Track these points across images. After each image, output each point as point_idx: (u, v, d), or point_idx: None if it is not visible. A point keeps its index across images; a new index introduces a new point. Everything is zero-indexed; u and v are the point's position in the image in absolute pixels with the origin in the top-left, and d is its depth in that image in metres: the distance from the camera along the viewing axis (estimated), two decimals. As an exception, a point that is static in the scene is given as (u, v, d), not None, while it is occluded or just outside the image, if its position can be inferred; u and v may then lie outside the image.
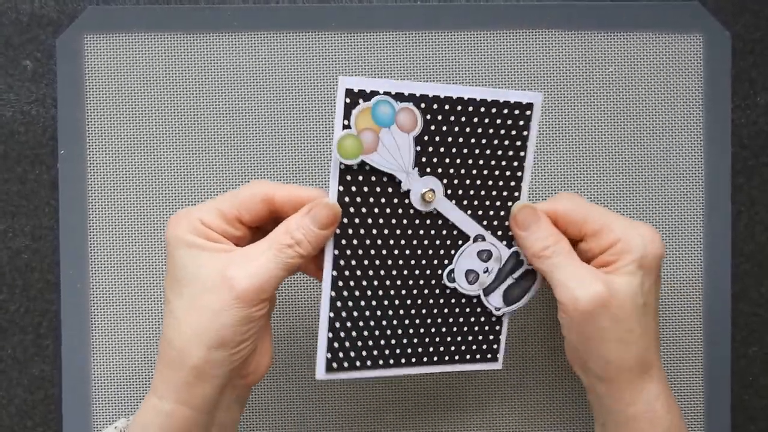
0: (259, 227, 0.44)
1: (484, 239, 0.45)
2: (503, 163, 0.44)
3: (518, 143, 0.44)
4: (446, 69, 0.53)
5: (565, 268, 0.43)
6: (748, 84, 0.55)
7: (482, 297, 0.45)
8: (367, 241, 0.43)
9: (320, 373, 0.43)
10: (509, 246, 0.45)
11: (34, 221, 0.53)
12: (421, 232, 0.43)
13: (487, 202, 0.45)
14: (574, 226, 0.44)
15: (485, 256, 0.45)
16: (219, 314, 0.40)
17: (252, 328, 0.41)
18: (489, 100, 0.43)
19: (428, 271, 0.44)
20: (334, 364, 0.43)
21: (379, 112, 0.41)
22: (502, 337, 0.47)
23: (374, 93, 0.40)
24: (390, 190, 0.42)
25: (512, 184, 0.45)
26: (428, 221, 0.43)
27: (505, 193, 0.45)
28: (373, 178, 0.42)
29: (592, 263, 0.44)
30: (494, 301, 0.45)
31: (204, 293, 0.40)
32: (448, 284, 0.44)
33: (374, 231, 0.43)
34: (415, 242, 0.43)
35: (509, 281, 0.46)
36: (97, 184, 0.53)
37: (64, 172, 0.53)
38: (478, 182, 0.44)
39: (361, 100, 0.40)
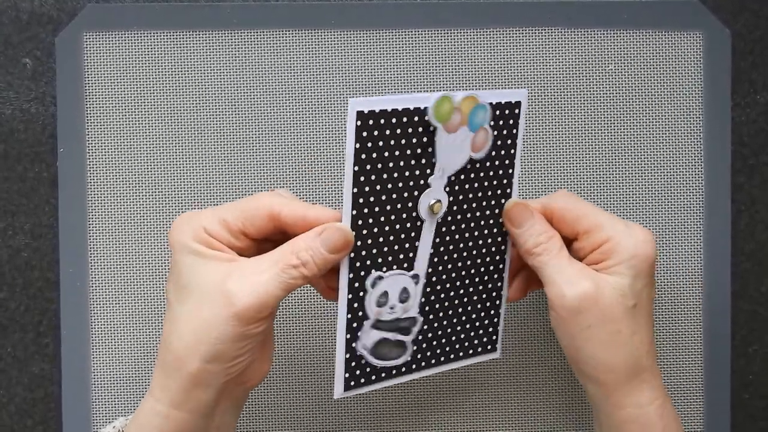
0: (266, 238, 0.43)
1: (416, 282, 0.43)
2: (496, 164, 0.44)
3: (509, 143, 0.44)
4: (446, 67, 0.53)
5: (555, 266, 0.43)
6: (748, 82, 0.55)
7: (365, 324, 0.42)
8: (380, 261, 0.42)
9: (338, 392, 0.42)
10: (421, 313, 0.44)
11: (33, 219, 0.53)
12: (404, 236, 0.42)
13: (478, 224, 0.44)
14: (568, 225, 0.44)
15: (404, 297, 0.43)
16: (215, 328, 0.39)
17: (249, 344, 0.40)
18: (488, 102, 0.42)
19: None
20: (352, 383, 0.43)
21: (477, 114, 0.41)
22: (500, 327, 0.47)
23: (383, 111, 0.39)
24: (404, 215, 0.42)
25: (505, 185, 0.45)
26: (413, 233, 0.42)
27: (494, 203, 0.45)
28: (384, 197, 0.41)
29: (584, 261, 0.44)
30: (366, 339, 0.42)
31: (203, 304, 0.39)
32: (368, 288, 0.42)
33: (388, 255, 0.42)
34: (396, 247, 0.42)
35: (390, 335, 0.43)
36: (96, 183, 0.53)
37: (64, 170, 0.53)
38: (472, 195, 0.44)
39: (371, 121, 0.39)
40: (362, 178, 0.40)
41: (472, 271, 0.45)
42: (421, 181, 0.41)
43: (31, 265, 0.54)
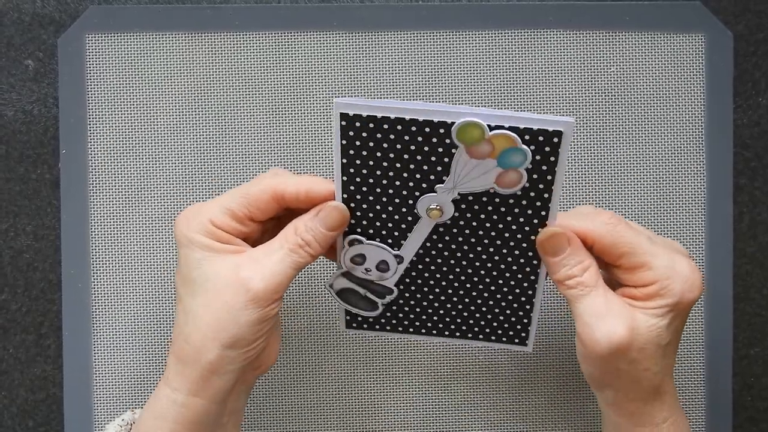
0: (270, 218, 0.44)
1: (399, 262, 0.44)
2: (531, 194, 0.42)
3: (544, 168, 0.41)
4: (447, 69, 0.53)
5: (588, 304, 0.41)
6: (750, 84, 0.54)
7: (337, 272, 0.45)
8: (371, 232, 0.44)
9: (342, 326, 0.47)
10: (400, 287, 0.45)
11: (35, 221, 0.54)
12: (401, 220, 0.43)
13: (499, 242, 0.44)
14: (609, 257, 0.42)
15: (382, 267, 0.44)
16: (235, 314, 0.41)
17: (266, 326, 0.42)
18: (521, 127, 0.39)
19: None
20: (354, 324, 0.47)
21: (511, 157, 0.39)
22: (534, 321, 0.46)
23: (371, 118, 0.40)
24: (403, 209, 0.43)
25: (540, 213, 0.42)
26: (409, 218, 0.43)
27: (527, 229, 0.43)
28: (379, 189, 0.42)
29: (622, 291, 0.42)
30: (336, 282, 0.45)
31: (219, 294, 0.41)
32: (344, 245, 0.44)
33: (377, 231, 0.43)
34: (389, 220, 0.43)
35: (359, 289, 0.45)
36: (98, 184, 0.53)
37: (66, 171, 0.53)
38: (492, 217, 0.43)
39: (357, 123, 0.40)
40: (351, 170, 0.42)
41: (494, 273, 0.45)
42: (424, 185, 0.42)
43: (33, 266, 0.54)
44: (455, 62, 0.53)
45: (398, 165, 0.41)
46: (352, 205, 0.43)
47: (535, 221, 0.42)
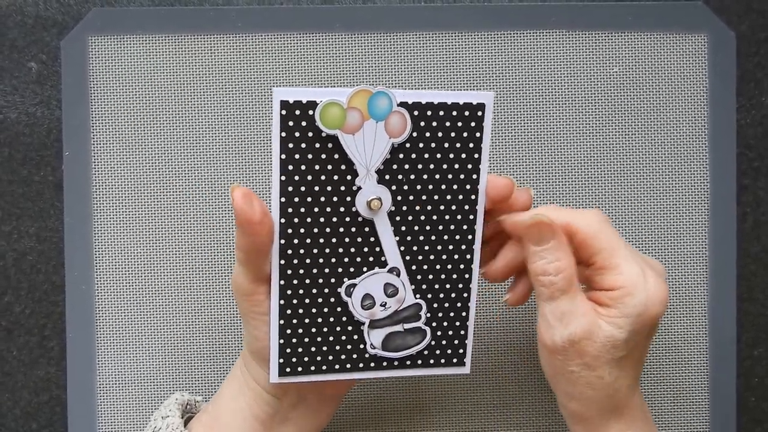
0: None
1: (398, 275, 0.42)
2: (459, 174, 0.42)
3: (472, 147, 0.42)
4: (450, 70, 0.53)
5: (554, 303, 0.41)
6: (753, 84, 0.54)
7: (365, 328, 0.42)
8: (315, 250, 0.41)
9: (273, 377, 0.42)
10: (415, 295, 0.43)
11: (39, 223, 0.54)
12: (356, 238, 0.41)
13: (435, 227, 0.42)
14: (586, 252, 0.42)
15: (390, 291, 0.42)
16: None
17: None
18: (449, 103, 0.40)
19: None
20: (288, 369, 0.42)
21: (376, 103, 0.39)
22: (469, 341, 0.44)
23: (311, 104, 0.39)
24: (336, 196, 0.40)
25: (469, 192, 0.42)
26: (366, 228, 0.41)
27: (456, 208, 0.42)
28: (323, 177, 0.40)
29: (590, 294, 0.42)
30: (374, 339, 0.43)
31: None
32: (345, 298, 0.42)
33: (319, 237, 0.41)
34: (349, 248, 0.42)
35: (398, 328, 0.43)
36: (102, 186, 0.53)
37: (69, 173, 0.53)
38: (435, 197, 0.42)
39: (297, 111, 0.39)
40: (290, 167, 0.40)
41: (436, 268, 0.43)
42: (354, 186, 0.40)
43: (37, 268, 0.54)
44: (457, 63, 0.53)
45: (336, 156, 0.40)
46: (290, 210, 0.40)
47: (465, 205, 0.42)
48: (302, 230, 0.40)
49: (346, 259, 0.41)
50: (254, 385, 0.44)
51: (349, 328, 0.43)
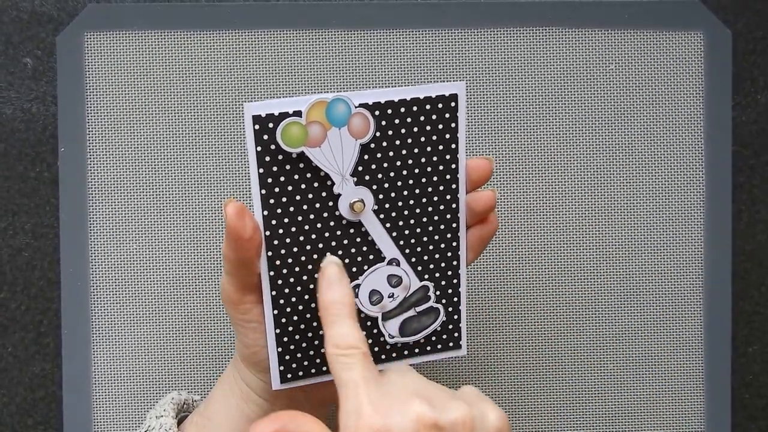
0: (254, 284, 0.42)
1: (398, 264, 0.43)
2: (438, 166, 0.42)
3: (448, 137, 0.42)
4: (447, 67, 0.53)
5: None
6: (749, 82, 0.55)
7: (380, 321, 0.43)
8: (303, 258, 0.41)
9: (276, 384, 0.42)
10: (420, 278, 0.43)
11: (34, 219, 0.53)
12: (345, 241, 0.42)
13: (421, 219, 0.43)
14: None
15: (395, 281, 0.43)
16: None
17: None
18: (421, 97, 0.41)
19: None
20: (289, 375, 0.43)
21: (334, 110, 0.39)
22: (463, 324, 0.45)
23: (284, 115, 0.39)
24: (318, 203, 0.41)
25: (449, 182, 0.42)
26: (352, 230, 0.42)
27: (438, 198, 0.43)
28: (303, 186, 0.40)
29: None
30: (390, 329, 0.43)
31: None
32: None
33: (306, 244, 0.41)
34: (340, 252, 0.42)
35: (410, 313, 0.43)
36: (97, 182, 0.53)
37: (65, 169, 0.53)
38: (416, 191, 0.42)
39: (271, 124, 0.38)
40: (269, 180, 0.40)
41: (423, 259, 0.44)
42: (334, 192, 0.41)
43: (32, 264, 0.54)
44: (453, 60, 0.53)
45: (312, 167, 0.40)
46: (274, 222, 0.40)
47: (448, 196, 0.42)
48: (288, 240, 0.41)
49: (347, 260, 0.42)
50: (245, 388, 0.44)
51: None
